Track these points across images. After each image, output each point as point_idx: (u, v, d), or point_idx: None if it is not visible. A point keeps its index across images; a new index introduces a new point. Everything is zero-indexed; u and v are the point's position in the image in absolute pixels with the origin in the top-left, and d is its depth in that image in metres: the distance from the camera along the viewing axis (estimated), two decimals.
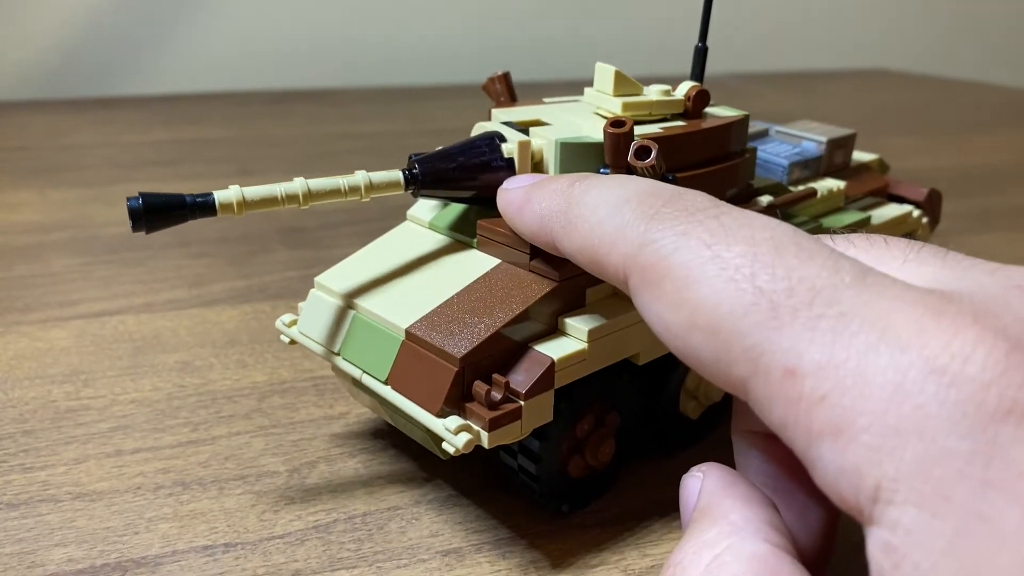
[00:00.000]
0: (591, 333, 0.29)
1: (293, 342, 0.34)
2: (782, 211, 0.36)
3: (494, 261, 0.31)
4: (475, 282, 0.30)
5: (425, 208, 0.35)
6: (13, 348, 0.44)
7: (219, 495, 0.33)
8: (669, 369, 0.34)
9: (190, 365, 0.43)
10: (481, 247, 0.32)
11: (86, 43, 1.06)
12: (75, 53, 1.06)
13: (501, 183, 0.30)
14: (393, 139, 0.89)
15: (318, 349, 0.32)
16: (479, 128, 0.33)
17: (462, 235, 0.32)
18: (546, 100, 0.36)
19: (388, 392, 0.29)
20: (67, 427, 0.37)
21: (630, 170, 0.29)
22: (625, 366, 0.32)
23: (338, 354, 0.31)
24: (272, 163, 0.79)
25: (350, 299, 0.31)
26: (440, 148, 0.31)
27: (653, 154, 0.28)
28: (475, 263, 0.31)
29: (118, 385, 0.41)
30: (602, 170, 0.30)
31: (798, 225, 0.37)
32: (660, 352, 0.32)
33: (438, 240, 0.33)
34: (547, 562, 0.30)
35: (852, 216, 0.40)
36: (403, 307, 0.30)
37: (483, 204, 0.32)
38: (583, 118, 0.33)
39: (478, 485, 0.34)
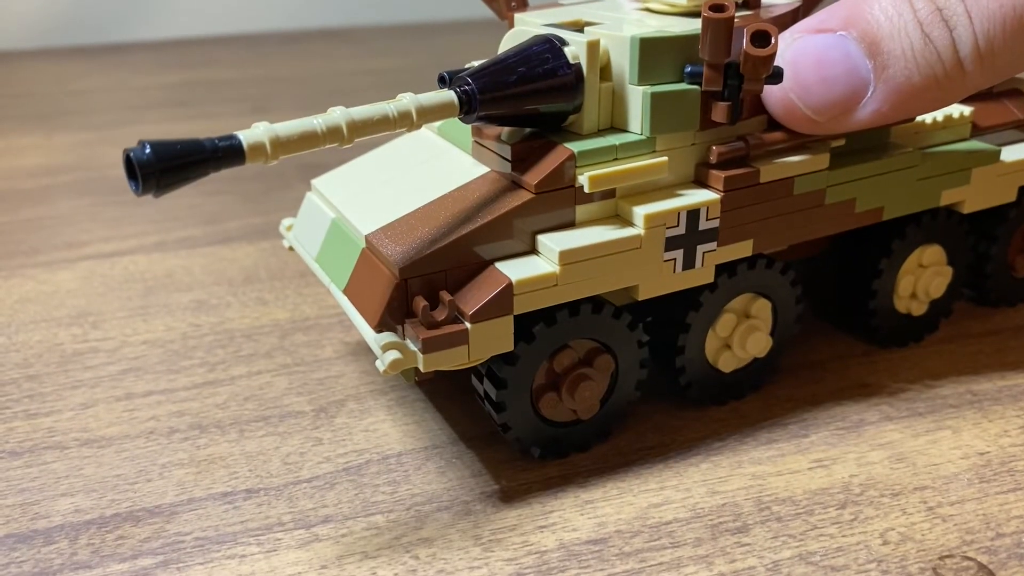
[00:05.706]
0: (564, 255, 0.25)
1: (292, 249, 0.32)
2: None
3: (484, 169, 0.27)
4: (453, 191, 0.27)
5: None
6: (18, 291, 0.41)
7: (239, 438, 0.30)
8: (692, 313, 0.29)
9: (205, 304, 0.40)
10: (475, 154, 0.28)
11: None
12: (83, 1, 1.02)
13: (568, 95, 0.25)
14: (411, 74, 0.84)
15: (305, 256, 0.30)
16: (517, 36, 0.28)
17: (464, 140, 0.29)
18: (563, 1, 0.31)
19: (345, 303, 0.27)
20: (74, 371, 0.34)
21: (729, 65, 0.25)
22: (626, 304, 0.28)
23: (316, 261, 0.29)
24: (286, 101, 0.76)
25: (334, 203, 0.29)
26: (491, 59, 0.26)
27: (774, 40, 0.23)
28: (464, 171, 0.28)
29: (128, 326, 0.38)
30: (688, 68, 0.26)
31: (899, 156, 0.30)
32: (664, 289, 0.27)
33: (443, 147, 0.30)
34: (605, 501, 0.27)
35: (975, 145, 0.32)
36: (375, 214, 0.27)
37: (547, 126, 0.27)
38: (625, 14, 0.28)
39: None
